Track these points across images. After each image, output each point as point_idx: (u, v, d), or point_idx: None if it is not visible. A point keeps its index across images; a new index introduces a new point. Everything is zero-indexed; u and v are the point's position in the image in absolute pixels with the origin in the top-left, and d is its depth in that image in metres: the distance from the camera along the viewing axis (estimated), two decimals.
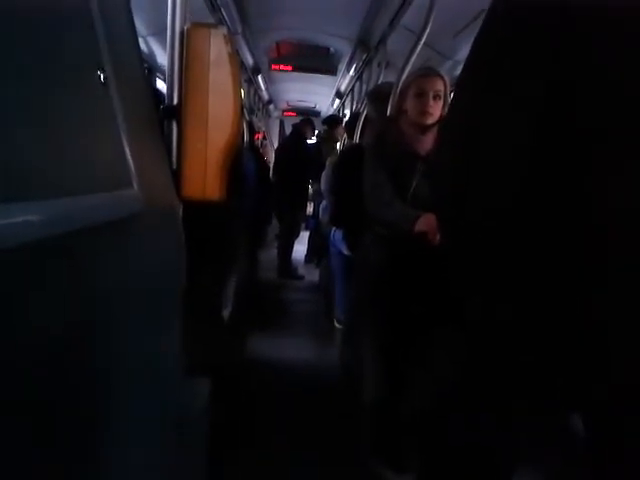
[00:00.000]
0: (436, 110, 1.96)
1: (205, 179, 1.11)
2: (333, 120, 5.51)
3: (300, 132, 5.44)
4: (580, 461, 0.91)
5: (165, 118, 1.17)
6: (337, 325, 3.44)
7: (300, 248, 6.09)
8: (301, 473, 1.92)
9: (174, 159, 1.16)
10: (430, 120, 1.97)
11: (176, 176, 1.13)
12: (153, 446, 0.97)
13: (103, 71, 0.80)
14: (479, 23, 0.86)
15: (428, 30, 2.47)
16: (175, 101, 1.15)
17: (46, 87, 0.64)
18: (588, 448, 0.91)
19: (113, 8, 0.91)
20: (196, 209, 1.16)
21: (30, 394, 0.54)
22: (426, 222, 1.79)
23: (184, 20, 1.16)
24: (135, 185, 0.85)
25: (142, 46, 3.05)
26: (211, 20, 3.39)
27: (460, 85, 0.96)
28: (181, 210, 1.13)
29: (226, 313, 2.35)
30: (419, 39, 2.55)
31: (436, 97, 1.95)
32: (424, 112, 1.95)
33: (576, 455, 0.93)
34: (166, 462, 1.05)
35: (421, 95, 1.95)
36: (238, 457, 1.96)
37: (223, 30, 1.11)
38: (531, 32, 0.77)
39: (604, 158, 0.74)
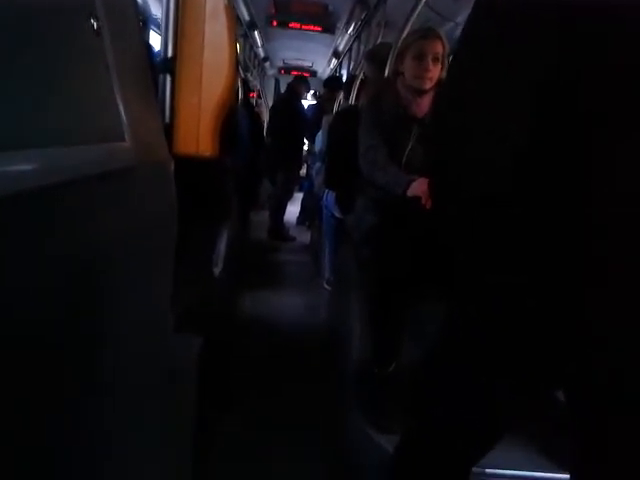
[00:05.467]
0: (435, 73, 1.94)
1: (198, 135, 1.10)
2: (335, 82, 5.42)
3: (294, 91, 5.36)
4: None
5: (159, 72, 1.15)
6: (326, 286, 3.47)
7: (293, 209, 6.09)
8: (285, 436, 1.96)
9: (167, 113, 1.15)
10: (428, 84, 1.94)
11: (169, 131, 1.12)
12: (142, 402, 0.98)
13: (96, 20, 0.78)
14: None
15: None
16: (170, 54, 1.13)
17: (37, 35, 0.62)
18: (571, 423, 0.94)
19: None
20: (188, 165, 1.15)
21: (19, 332, 0.55)
22: (419, 187, 1.79)
23: None
24: (127, 138, 0.84)
25: None
26: None
27: (458, 56, 0.94)
28: (173, 165, 1.13)
29: (217, 271, 2.36)
30: None
31: (435, 60, 1.92)
32: (423, 76, 1.92)
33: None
34: (155, 418, 1.07)
35: (420, 58, 1.92)
36: (224, 417, 1.99)
37: None
38: (531, 15, 0.76)
39: (604, 141, 0.74)
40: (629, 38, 0.71)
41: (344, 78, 5.45)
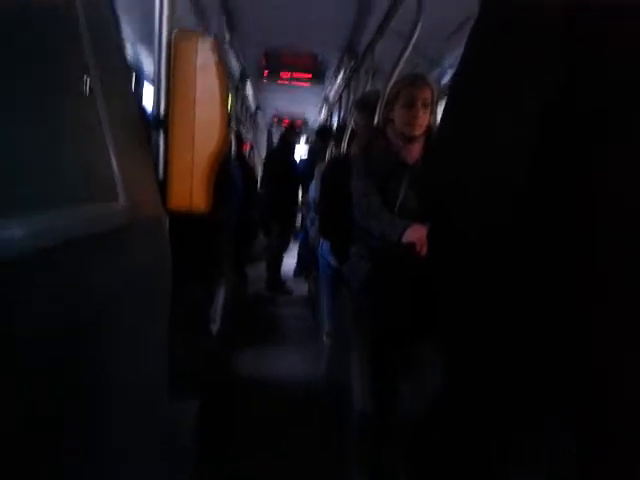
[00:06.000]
0: (424, 120, 1.96)
1: (192, 190, 1.09)
2: (326, 132, 5.51)
3: (286, 140, 5.43)
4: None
5: (152, 128, 1.15)
6: (325, 338, 3.41)
7: (290, 261, 6.07)
8: None
9: (161, 169, 1.14)
10: (418, 130, 1.97)
11: (162, 187, 1.11)
12: (139, 467, 0.94)
13: (89, 80, 0.78)
14: (468, 28, 0.84)
15: (416, 36, 2.46)
16: (162, 111, 1.13)
17: (31, 96, 0.62)
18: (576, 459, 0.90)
19: (99, 16, 0.89)
20: (183, 221, 1.13)
21: (12, 410, 0.52)
22: (414, 233, 1.78)
23: (171, 27, 1.15)
24: (121, 197, 0.83)
25: (129, 53, 3.04)
26: (199, 29, 3.39)
27: (453, 93, 0.94)
28: (167, 222, 1.11)
29: (214, 328, 2.32)
30: (407, 45, 2.55)
31: (424, 106, 1.94)
32: (413, 123, 1.95)
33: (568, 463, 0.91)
34: None
35: (410, 105, 1.94)
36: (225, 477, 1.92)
37: (211, 38, 1.09)
38: (528, 31, 0.76)
39: (605, 160, 0.72)
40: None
41: (335, 126, 5.54)
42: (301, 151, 6.80)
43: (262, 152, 8.60)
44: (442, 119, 0.96)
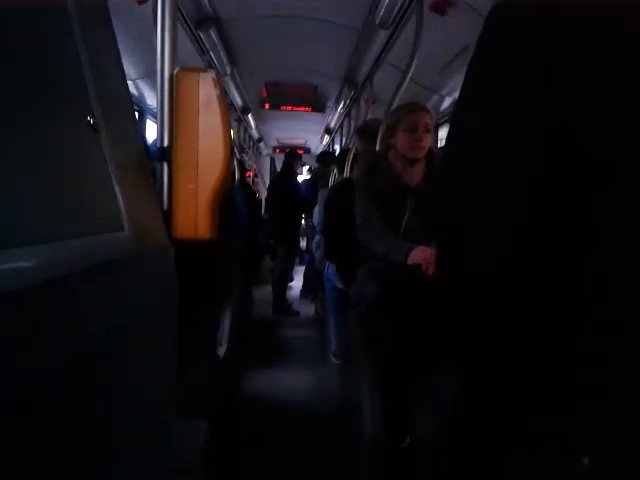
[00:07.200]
0: (427, 143, 2.01)
1: (196, 219, 1.12)
2: (327, 157, 5.56)
3: (289, 166, 5.48)
4: None
5: (156, 160, 1.19)
6: (333, 360, 3.40)
7: (295, 284, 6.06)
8: None
9: (165, 200, 1.17)
10: (422, 153, 2.01)
11: (167, 217, 1.14)
12: None
13: (93, 116, 0.81)
14: (465, 58, 0.86)
15: (413, 67, 2.52)
16: (166, 143, 1.17)
17: (36, 133, 0.64)
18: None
19: (101, 52, 0.92)
20: (188, 249, 1.16)
21: (23, 437, 0.53)
22: (419, 254, 1.80)
23: (173, 63, 1.18)
24: (126, 228, 0.85)
25: (132, 89, 3.09)
26: (200, 62, 3.46)
27: (456, 116, 0.95)
28: (173, 251, 1.13)
29: (221, 351, 2.33)
30: (405, 76, 2.60)
31: (426, 131, 1.99)
32: (417, 146, 1.99)
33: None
34: None
35: (413, 130, 1.99)
36: None
37: (212, 73, 1.13)
38: (532, 53, 0.75)
39: (617, 195, 0.72)
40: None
41: (337, 153, 5.59)
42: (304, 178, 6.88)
43: (266, 178, 8.67)
44: (446, 146, 0.97)
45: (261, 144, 9.12)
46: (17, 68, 0.63)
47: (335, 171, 4.23)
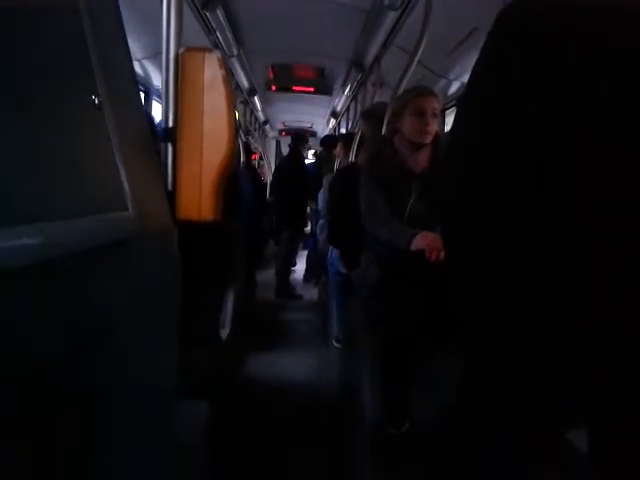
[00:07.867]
0: (434, 127, 1.99)
1: (200, 200, 1.12)
2: (330, 141, 5.53)
3: (296, 150, 5.46)
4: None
5: (160, 140, 1.18)
6: (335, 344, 3.42)
7: (298, 267, 6.06)
8: None
9: (169, 181, 1.17)
10: (429, 138, 2.00)
11: (171, 198, 1.13)
12: (151, 471, 0.96)
13: (97, 95, 0.80)
14: (472, 41, 0.86)
15: (421, 50, 2.49)
16: (170, 123, 1.16)
17: (40, 111, 0.64)
18: (591, 463, 0.91)
19: (107, 32, 0.92)
20: (192, 230, 1.16)
21: (27, 416, 0.54)
22: (423, 240, 1.79)
23: (178, 43, 1.17)
24: (130, 207, 0.85)
25: (137, 69, 3.07)
26: (207, 42, 3.43)
27: (463, 104, 0.95)
28: (177, 232, 1.13)
29: (224, 333, 2.34)
30: (412, 58, 2.58)
31: (433, 115, 1.98)
32: (424, 130, 1.98)
33: (579, 472, 0.92)
34: None
35: (420, 114, 1.97)
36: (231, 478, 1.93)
37: (217, 54, 1.12)
38: (540, 49, 0.77)
39: (619, 186, 0.74)
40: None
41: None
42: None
43: (271, 161, 8.64)
44: (452, 131, 0.96)
45: (267, 127, 9.08)
46: (21, 47, 0.62)
47: (340, 155, 4.17)
